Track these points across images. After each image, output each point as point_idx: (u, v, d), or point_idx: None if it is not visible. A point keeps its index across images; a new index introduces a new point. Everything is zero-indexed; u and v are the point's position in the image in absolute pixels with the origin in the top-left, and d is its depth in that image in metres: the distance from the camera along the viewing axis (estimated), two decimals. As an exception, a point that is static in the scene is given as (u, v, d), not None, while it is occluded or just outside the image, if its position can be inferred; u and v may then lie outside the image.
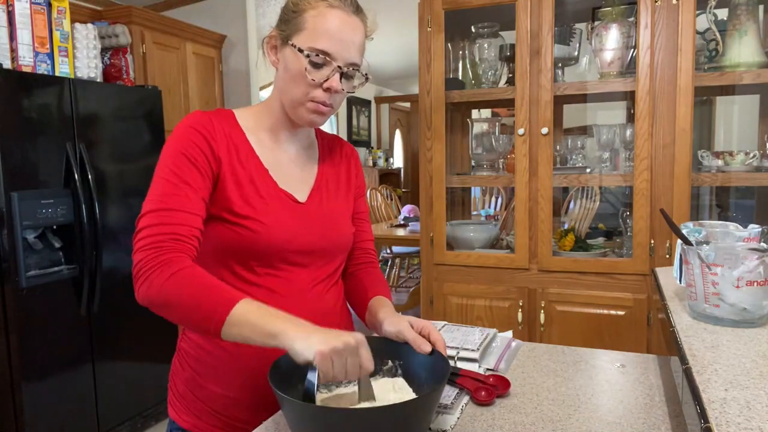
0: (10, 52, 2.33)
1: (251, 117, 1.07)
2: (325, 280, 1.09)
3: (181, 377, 1.06)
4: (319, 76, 0.99)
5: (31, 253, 2.30)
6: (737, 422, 0.57)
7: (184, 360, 1.07)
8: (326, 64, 0.98)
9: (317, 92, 1.00)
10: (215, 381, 1.03)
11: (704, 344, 0.80)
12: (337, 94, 1.01)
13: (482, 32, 2.25)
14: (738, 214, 2.22)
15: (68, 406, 2.41)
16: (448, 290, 2.19)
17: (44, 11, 2.44)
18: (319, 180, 1.12)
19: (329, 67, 0.99)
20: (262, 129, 1.07)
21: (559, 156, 2.24)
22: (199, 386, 1.04)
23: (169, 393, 1.09)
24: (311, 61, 0.98)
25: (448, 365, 0.87)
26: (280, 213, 1.02)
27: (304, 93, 1.00)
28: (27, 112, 2.24)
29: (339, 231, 1.10)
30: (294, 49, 0.99)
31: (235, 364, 1.01)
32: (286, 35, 1.01)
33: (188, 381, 1.05)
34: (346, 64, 1.00)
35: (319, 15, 0.98)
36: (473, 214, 3.37)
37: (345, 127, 6.93)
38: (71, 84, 2.43)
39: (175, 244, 0.90)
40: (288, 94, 1.02)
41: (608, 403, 0.97)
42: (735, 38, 1.86)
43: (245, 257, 1.00)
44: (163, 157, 0.97)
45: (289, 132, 1.09)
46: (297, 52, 0.98)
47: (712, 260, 0.88)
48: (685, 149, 1.86)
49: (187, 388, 1.05)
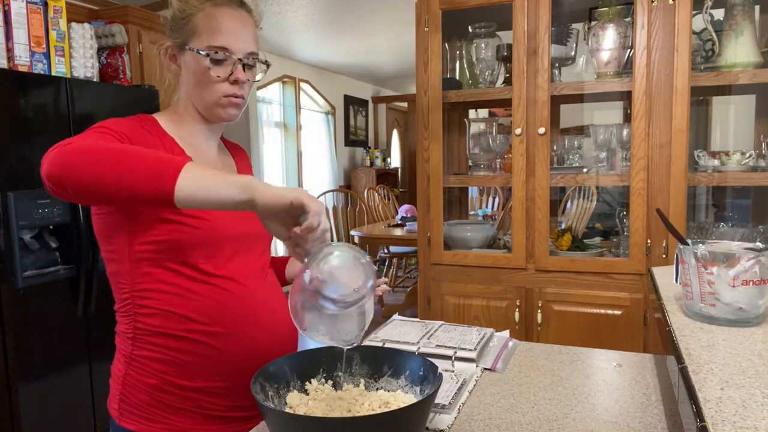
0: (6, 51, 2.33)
1: (172, 121, 1.10)
2: (268, 266, 1.15)
3: (145, 388, 1.01)
4: (223, 71, 1.04)
5: (28, 253, 2.29)
6: (733, 421, 0.57)
7: (146, 367, 1.01)
8: (226, 59, 1.04)
9: (225, 87, 1.05)
10: (195, 376, 1.00)
11: (700, 343, 0.80)
12: (244, 84, 1.06)
13: (479, 32, 2.25)
14: (734, 213, 2.22)
15: (65, 407, 2.40)
16: (445, 290, 2.19)
17: (40, 11, 2.43)
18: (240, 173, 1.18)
19: (230, 61, 1.04)
20: (183, 132, 1.10)
21: (556, 156, 2.24)
22: (173, 386, 1.00)
23: (122, 405, 1.03)
24: (212, 59, 1.03)
25: (439, 375, 0.84)
26: None
27: (214, 91, 1.05)
28: (23, 111, 2.24)
29: None
30: (193, 52, 1.04)
31: (223, 357, 1.01)
32: (182, 42, 1.06)
33: (157, 386, 1.00)
34: (245, 55, 1.05)
35: (208, 15, 1.03)
36: (470, 213, 3.37)
37: (342, 126, 6.93)
38: (68, 84, 2.42)
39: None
40: (199, 97, 1.07)
41: (605, 402, 0.97)
42: (731, 38, 1.86)
43: (197, 253, 1.00)
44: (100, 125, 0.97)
45: (207, 133, 1.13)
46: (197, 54, 1.03)
47: (708, 260, 0.88)
48: (681, 149, 1.87)
49: (153, 397, 1.01)
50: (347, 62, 6.24)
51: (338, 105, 6.82)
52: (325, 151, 6.52)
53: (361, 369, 0.93)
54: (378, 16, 4.38)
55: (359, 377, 0.93)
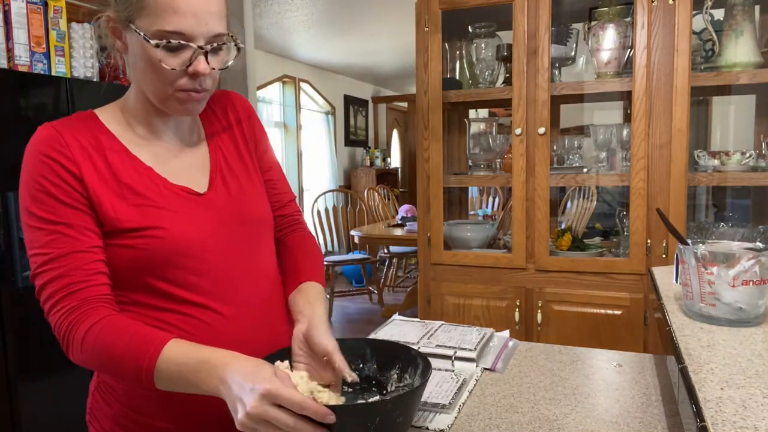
0: (6, 51, 2.33)
1: (116, 114, 0.92)
2: (271, 276, 1.00)
3: (107, 414, 0.93)
4: (179, 62, 0.81)
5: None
6: (733, 421, 0.57)
7: (107, 395, 0.93)
8: (183, 47, 0.81)
9: (182, 80, 0.83)
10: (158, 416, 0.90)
11: (700, 343, 0.80)
12: (206, 76, 0.84)
13: (479, 32, 2.25)
14: (734, 213, 2.22)
15: (65, 407, 2.40)
16: (445, 290, 2.19)
17: (40, 11, 2.43)
18: (214, 161, 0.96)
19: (188, 49, 0.81)
20: (132, 124, 0.91)
21: (556, 156, 2.24)
22: (134, 422, 0.91)
23: (90, 420, 0.97)
24: (164, 48, 0.80)
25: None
26: (181, 212, 0.88)
27: (166, 85, 0.83)
28: (23, 111, 2.24)
29: (253, 213, 0.97)
30: (139, 36, 0.81)
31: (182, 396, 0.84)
32: (126, 16, 0.82)
33: (116, 417, 0.92)
34: (208, 39, 0.82)
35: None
36: (470, 213, 3.37)
37: (342, 126, 6.93)
38: (68, 83, 2.42)
39: (79, 294, 0.81)
40: (149, 88, 0.86)
41: (605, 402, 0.97)
42: (731, 38, 1.86)
43: (161, 274, 0.86)
44: (23, 199, 0.85)
45: (162, 120, 0.92)
46: (144, 40, 0.80)
47: (708, 260, 0.88)
48: (681, 149, 1.87)
49: (115, 424, 0.92)
50: (347, 62, 6.24)
51: (338, 105, 6.82)
52: (325, 151, 6.52)
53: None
54: (378, 16, 4.38)
55: None
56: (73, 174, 0.84)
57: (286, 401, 0.69)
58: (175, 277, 0.87)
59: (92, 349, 0.80)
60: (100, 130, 0.89)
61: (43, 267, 0.82)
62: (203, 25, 0.81)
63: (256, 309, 0.94)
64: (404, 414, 0.77)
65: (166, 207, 0.88)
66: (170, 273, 0.86)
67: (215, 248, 0.90)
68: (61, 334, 0.82)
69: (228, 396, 0.73)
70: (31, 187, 0.84)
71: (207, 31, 0.82)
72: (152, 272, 0.86)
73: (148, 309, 0.87)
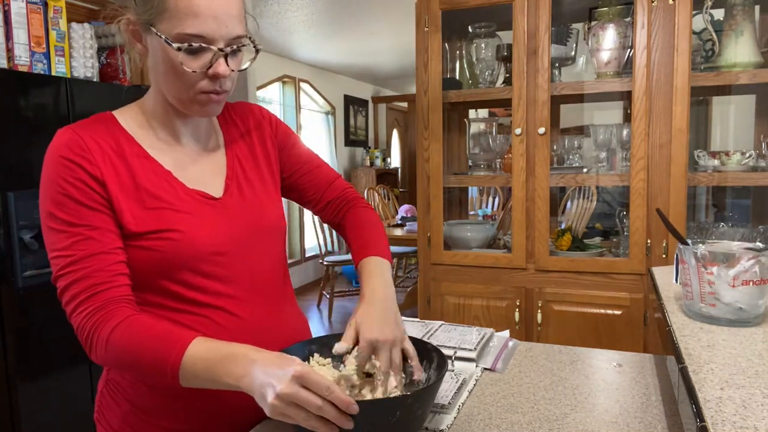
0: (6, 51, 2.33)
1: (136, 116, 0.94)
2: (281, 281, 1.03)
3: (116, 412, 0.94)
4: (199, 64, 0.84)
5: (28, 253, 2.29)
6: (733, 421, 0.57)
7: (116, 394, 0.95)
8: (204, 50, 0.83)
9: (203, 83, 0.85)
10: (165, 416, 0.91)
11: (700, 343, 0.80)
12: (226, 78, 0.87)
13: (479, 32, 2.25)
14: (734, 213, 2.22)
15: (64, 407, 2.40)
16: (445, 290, 2.19)
17: (40, 11, 2.43)
18: (230, 167, 0.98)
19: (208, 51, 0.83)
20: (152, 127, 0.93)
21: (556, 156, 2.24)
22: (142, 421, 0.92)
23: (99, 428, 0.98)
24: (186, 51, 0.82)
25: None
26: (197, 216, 0.90)
27: (187, 87, 0.86)
28: (23, 111, 2.24)
29: (266, 220, 0.99)
30: (160, 39, 0.82)
31: (190, 396, 0.88)
32: (147, 19, 0.83)
33: (125, 416, 0.93)
34: (228, 42, 0.84)
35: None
36: (470, 213, 3.37)
37: (342, 126, 6.93)
38: (68, 84, 2.42)
39: (102, 295, 0.82)
40: (170, 90, 0.88)
41: (605, 403, 0.97)
42: (731, 38, 1.86)
43: (176, 276, 0.88)
44: (44, 202, 0.85)
45: (182, 122, 0.94)
46: (166, 44, 0.82)
47: (708, 260, 0.88)
48: (681, 149, 1.87)
49: (124, 423, 0.94)
50: (347, 62, 6.24)
51: (338, 105, 6.82)
52: (325, 151, 6.52)
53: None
54: (378, 16, 4.38)
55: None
56: (94, 177, 0.85)
57: (314, 384, 0.71)
58: (189, 279, 0.89)
59: (117, 348, 0.80)
60: (120, 132, 0.91)
61: (66, 269, 0.83)
62: (223, 27, 0.83)
63: (268, 311, 0.97)
64: (422, 408, 0.80)
65: (182, 210, 0.90)
66: (185, 275, 0.88)
67: (229, 251, 0.92)
68: (84, 334, 0.83)
69: (254, 384, 0.74)
70: (53, 190, 0.84)
71: (227, 34, 0.83)
72: (167, 274, 0.88)
73: (163, 310, 0.89)
